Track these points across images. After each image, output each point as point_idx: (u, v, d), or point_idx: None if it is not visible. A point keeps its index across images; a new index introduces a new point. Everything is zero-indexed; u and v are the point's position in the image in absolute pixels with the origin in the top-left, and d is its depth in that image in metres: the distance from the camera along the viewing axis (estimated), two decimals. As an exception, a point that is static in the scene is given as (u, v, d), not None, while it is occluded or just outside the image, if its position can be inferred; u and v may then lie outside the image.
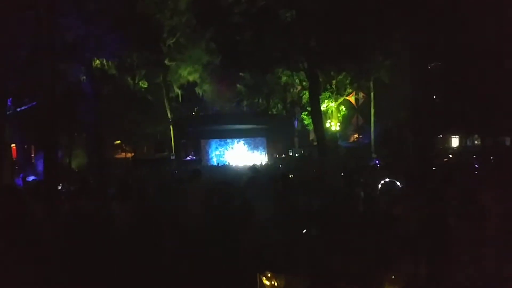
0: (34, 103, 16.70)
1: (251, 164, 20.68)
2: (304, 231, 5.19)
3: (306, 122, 30.15)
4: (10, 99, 15.83)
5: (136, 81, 27.50)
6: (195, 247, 5.52)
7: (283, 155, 29.85)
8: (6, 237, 4.93)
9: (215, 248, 5.27)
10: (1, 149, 9.86)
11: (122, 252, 5.19)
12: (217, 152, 27.59)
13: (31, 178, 15.51)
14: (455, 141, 39.80)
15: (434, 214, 5.89)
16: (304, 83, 26.18)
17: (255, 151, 27.49)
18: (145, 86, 27.94)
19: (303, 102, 29.69)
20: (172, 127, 28.34)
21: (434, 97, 24.79)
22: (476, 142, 36.73)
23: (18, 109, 17.46)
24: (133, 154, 32.64)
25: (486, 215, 5.51)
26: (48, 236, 5.47)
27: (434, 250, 4.94)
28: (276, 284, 3.83)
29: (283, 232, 5.24)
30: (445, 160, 17.18)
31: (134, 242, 5.46)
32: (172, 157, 27.13)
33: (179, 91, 29.60)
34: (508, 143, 28.61)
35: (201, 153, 27.83)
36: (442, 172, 10.66)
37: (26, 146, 22.24)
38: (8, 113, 12.79)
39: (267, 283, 3.86)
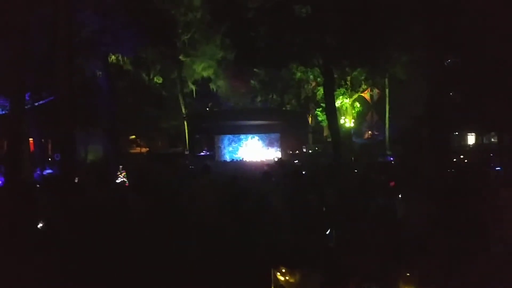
0: (52, 97, 16.93)
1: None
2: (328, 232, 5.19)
3: (320, 119, 30.03)
4: (28, 93, 16.05)
5: (151, 77, 27.72)
6: (208, 241, 5.55)
7: (297, 151, 29.79)
8: (18, 233, 5.04)
9: (229, 242, 5.29)
10: (20, 143, 10.01)
11: (136, 244, 5.25)
12: (231, 148, 27.65)
13: (47, 171, 15.77)
14: (471, 139, 39.26)
15: (448, 214, 5.86)
16: (318, 79, 26.07)
17: (269, 147, 27.48)
18: (160, 81, 28.15)
19: (317, 98, 29.56)
20: (186, 122, 28.49)
21: (451, 94, 24.50)
22: (492, 139, 36.19)
23: (36, 104, 17.71)
24: (147, 149, 32.89)
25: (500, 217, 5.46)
26: (62, 229, 5.57)
27: (448, 248, 4.90)
28: (290, 280, 3.84)
29: (298, 228, 5.24)
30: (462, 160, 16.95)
31: (149, 234, 5.51)
32: (186, 152, 27.30)
33: (193, 87, 29.75)
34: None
35: (214, 148, 27.91)
36: (457, 174, 10.52)
37: (43, 140, 22.57)
38: (26, 107, 12.99)
39: (282, 278, 3.86)
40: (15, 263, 4.70)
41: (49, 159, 21.84)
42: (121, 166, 12.94)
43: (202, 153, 28.55)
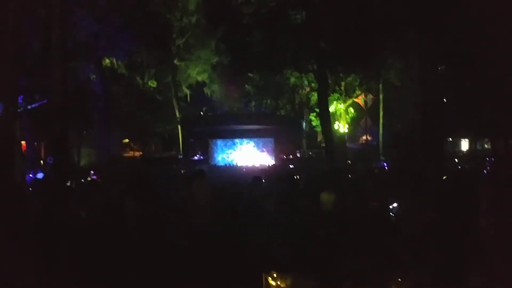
0: (45, 100, 16.86)
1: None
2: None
3: (314, 124, 30.07)
4: (21, 96, 15.97)
5: (145, 81, 27.65)
6: (201, 246, 5.53)
7: (291, 156, 29.81)
8: (10, 235, 5.00)
9: (222, 247, 5.27)
10: (12, 146, 9.94)
11: (130, 249, 5.23)
12: (225, 153, 27.58)
13: (40, 175, 15.65)
14: (464, 145, 39.50)
15: (441, 218, 5.87)
16: (312, 85, 26.13)
17: (263, 152, 27.45)
18: (154, 85, 28.09)
19: (311, 104, 29.63)
20: (180, 126, 28.44)
21: (445, 99, 24.62)
22: (486, 145, 36.44)
23: (29, 107, 17.62)
24: (141, 153, 32.78)
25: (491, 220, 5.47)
26: (57, 232, 5.53)
27: (441, 253, 4.91)
28: (281, 284, 3.82)
29: (290, 232, 5.23)
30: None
31: (143, 239, 5.49)
32: (180, 157, 27.23)
33: (187, 91, 29.71)
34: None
35: (208, 153, 27.84)
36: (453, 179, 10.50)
37: (36, 143, 22.45)
38: (19, 110, 12.92)
39: (273, 283, 3.85)
40: (5, 265, 4.66)
41: (42, 162, 21.71)
42: (92, 172, 12.85)
43: (195, 158, 28.48)
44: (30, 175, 16.01)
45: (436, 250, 4.93)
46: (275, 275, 3.86)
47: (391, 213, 6.92)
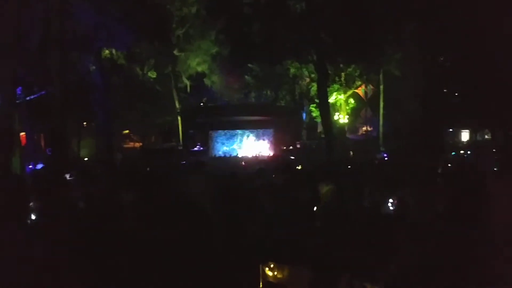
0: (44, 92, 16.82)
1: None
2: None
3: (314, 115, 30.03)
4: (20, 87, 15.93)
5: (145, 71, 27.57)
6: (198, 236, 5.54)
7: (291, 147, 29.82)
8: (10, 227, 5.01)
9: (219, 237, 5.28)
10: (11, 137, 9.95)
11: (126, 241, 5.23)
12: (225, 144, 27.61)
13: (40, 166, 15.70)
14: (464, 135, 39.45)
15: (441, 209, 5.87)
16: (312, 75, 26.06)
17: (263, 142, 27.47)
18: (154, 76, 28.01)
19: (311, 94, 29.57)
20: (180, 117, 28.42)
21: (445, 90, 24.59)
22: (486, 136, 36.41)
23: (28, 98, 17.59)
24: (141, 144, 32.80)
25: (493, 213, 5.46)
26: (54, 224, 5.55)
27: (440, 244, 4.91)
28: (279, 275, 3.84)
29: (288, 223, 5.24)
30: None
31: (138, 231, 5.50)
32: (180, 148, 27.26)
33: (187, 82, 29.63)
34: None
35: (208, 143, 27.88)
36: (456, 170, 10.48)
37: (35, 135, 22.45)
38: (17, 101, 12.88)
39: (270, 274, 3.87)
40: (4, 258, 4.67)
41: (42, 153, 21.73)
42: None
43: (195, 149, 28.50)
44: (30, 166, 16.07)
45: (439, 241, 4.94)
46: (272, 265, 3.88)
47: (391, 205, 6.93)
